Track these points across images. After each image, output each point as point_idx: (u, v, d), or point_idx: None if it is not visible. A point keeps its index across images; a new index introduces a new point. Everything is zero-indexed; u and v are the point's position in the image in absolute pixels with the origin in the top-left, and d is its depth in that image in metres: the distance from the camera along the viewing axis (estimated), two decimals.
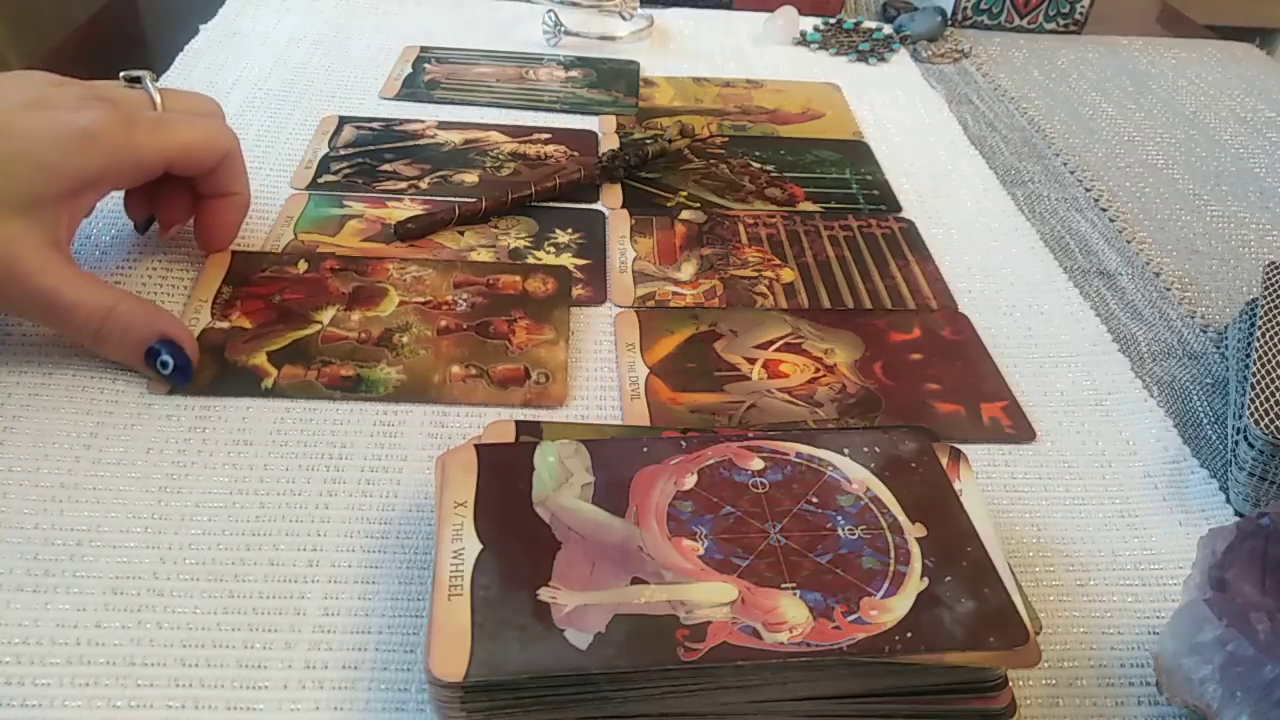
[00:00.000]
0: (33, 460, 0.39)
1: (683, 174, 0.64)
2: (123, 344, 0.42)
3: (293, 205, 0.56)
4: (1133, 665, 0.36)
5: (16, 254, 0.40)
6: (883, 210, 0.62)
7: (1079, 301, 0.55)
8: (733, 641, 0.30)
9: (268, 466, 0.40)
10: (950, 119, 0.75)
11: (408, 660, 0.33)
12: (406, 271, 0.51)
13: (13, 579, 0.34)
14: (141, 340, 0.42)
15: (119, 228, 0.52)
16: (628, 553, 0.33)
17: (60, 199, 0.41)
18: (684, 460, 0.36)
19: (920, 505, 0.35)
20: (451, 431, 0.43)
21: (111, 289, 0.43)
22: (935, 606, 0.32)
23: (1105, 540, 0.40)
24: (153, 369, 0.43)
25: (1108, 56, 0.89)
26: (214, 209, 0.49)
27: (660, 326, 0.50)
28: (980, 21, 0.92)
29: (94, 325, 0.42)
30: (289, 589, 0.35)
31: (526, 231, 0.56)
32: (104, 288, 0.43)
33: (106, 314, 0.42)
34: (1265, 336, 0.46)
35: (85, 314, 0.42)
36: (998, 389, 0.48)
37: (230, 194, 0.49)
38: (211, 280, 0.49)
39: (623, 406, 0.45)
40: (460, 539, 0.33)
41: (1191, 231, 0.64)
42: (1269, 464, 0.41)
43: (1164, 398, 0.49)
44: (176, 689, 0.32)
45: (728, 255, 0.56)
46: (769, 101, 0.74)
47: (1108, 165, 0.71)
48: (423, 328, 0.47)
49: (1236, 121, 0.79)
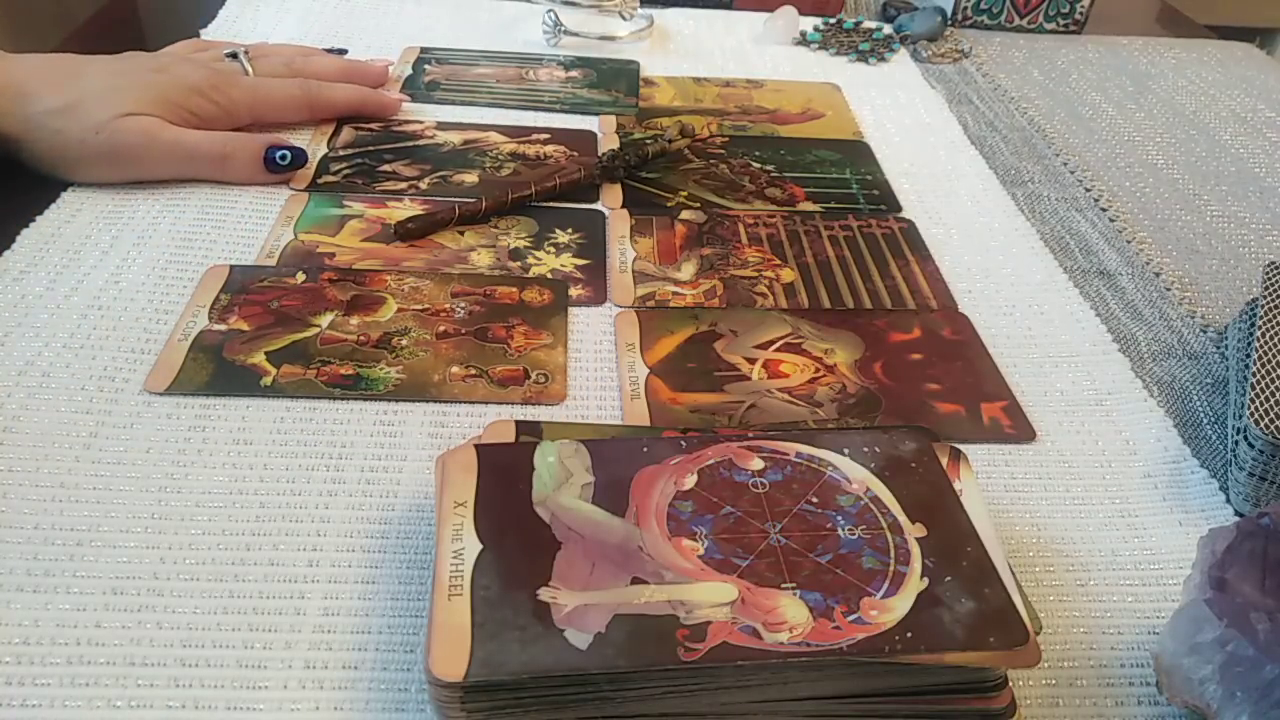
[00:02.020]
0: (33, 460, 0.39)
1: (683, 174, 0.64)
2: (245, 158, 0.56)
3: (293, 205, 0.56)
4: (1133, 665, 0.35)
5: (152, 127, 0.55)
6: (883, 210, 0.62)
7: (1079, 301, 0.55)
8: (733, 641, 0.30)
9: (268, 466, 0.40)
10: (950, 119, 0.75)
11: (408, 660, 0.33)
12: (404, 281, 0.51)
13: (13, 579, 0.34)
14: (258, 151, 0.56)
15: (117, 229, 0.52)
16: (628, 553, 0.33)
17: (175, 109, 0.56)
18: (684, 460, 0.36)
19: (920, 505, 0.35)
20: (451, 431, 0.43)
21: (221, 132, 0.57)
22: (935, 606, 0.32)
23: (1105, 540, 0.40)
24: (275, 169, 0.57)
25: (1108, 56, 0.89)
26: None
27: (660, 326, 0.50)
28: (980, 21, 0.92)
29: (218, 151, 0.56)
30: (289, 589, 0.35)
31: (526, 231, 0.56)
32: (217, 133, 0.57)
33: (225, 143, 0.56)
34: (1265, 336, 0.46)
35: (209, 147, 0.56)
36: (998, 389, 0.48)
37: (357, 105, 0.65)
38: (209, 288, 0.49)
39: (623, 406, 0.45)
40: (460, 539, 0.33)
41: (1191, 231, 0.64)
42: (1269, 464, 0.41)
43: (1164, 398, 0.49)
44: (176, 689, 0.32)
45: (728, 255, 0.56)
46: (769, 101, 0.74)
47: (1108, 165, 0.71)
48: (421, 332, 0.47)
49: (1236, 121, 0.79)
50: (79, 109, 0.53)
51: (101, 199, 0.54)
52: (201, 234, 0.53)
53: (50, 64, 0.55)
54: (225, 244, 0.53)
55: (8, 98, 0.52)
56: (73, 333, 0.45)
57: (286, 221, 0.55)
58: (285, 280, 0.50)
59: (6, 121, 0.53)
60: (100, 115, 0.53)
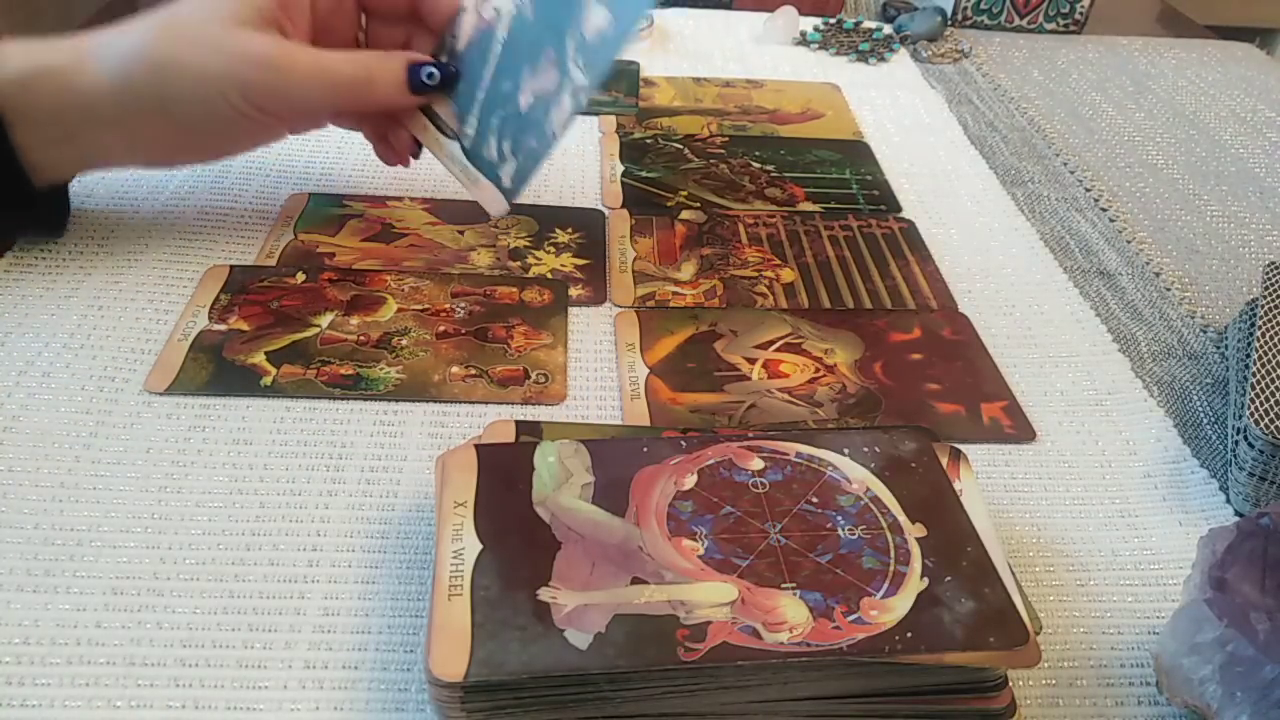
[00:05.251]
0: (33, 460, 0.39)
1: (683, 174, 0.64)
2: (389, 80, 0.48)
3: (292, 205, 0.56)
4: (1133, 665, 0.35)
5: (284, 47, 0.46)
6: (883, 210, 0.62)
7: (1079, 301, 0.55)
8: (733, 641, 0.30)
9: (268, 466, 0.40)
10: (950, 119, 0.75)
11: (408, 660, 0.33)
12: (404, 281, 0.51)
13: (13, 579, 0.34)
14: (400, 71, 0.48)
15: (117, 229, 0.52)
16: (628, 553, 0.33)
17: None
18: (684, 460, 0.36)
19: (920, 505, 0.35)
20: (451, 431, 0.43)
21: (352, 52, 0.49)
22: (935, 606, 0.32)
23: (1105, 540, 0.40)
24: (423, 89, 0.49)
25: (1108, 56, 0.89)
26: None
27: (660, 326, 0.50)
28: (980, 21, 0.92)
29: (363, 75, 0.48)
30: (289, 589, 0.35)
31: (526, 231, 0.56)
32: (356, 54, 0.49)
33: (367, 65, 0.48)
34: (1265, 336, 0.46)
35: (351, 70, 0.48)
36: (998, 389, 0.48)
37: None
38: (209, 289, 0.49)
39: (623, 406, 0.45)
40: (460, 539, 0.33)
41: (1191, 231, 0.64)
42: (1269, 464, 0.41)
43: (1164, 398, 0.49)
44: (176, 689, 0.32)
45: (728, 255, 0.56)
46: (769, 101, 0.74)
47: (1108, 165, 0.71)
48: (421, 332, 0.47)
49: (1236, 121, 0.79)
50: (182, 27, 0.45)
51: (102, 198, 0.54)
52: (201, 234, 0.53)
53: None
54: (225, 244, 0.53)
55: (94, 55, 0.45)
56: (73, 333, 0.45)
57: (286, 221, 0.55)
58: (285, 280, 0.50)
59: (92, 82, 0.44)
60: (210, 29, 0.45)
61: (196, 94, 0.46)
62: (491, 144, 0.49)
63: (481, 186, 0.50)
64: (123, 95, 0.45)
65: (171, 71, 0.45)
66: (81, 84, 0.45)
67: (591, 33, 0.46)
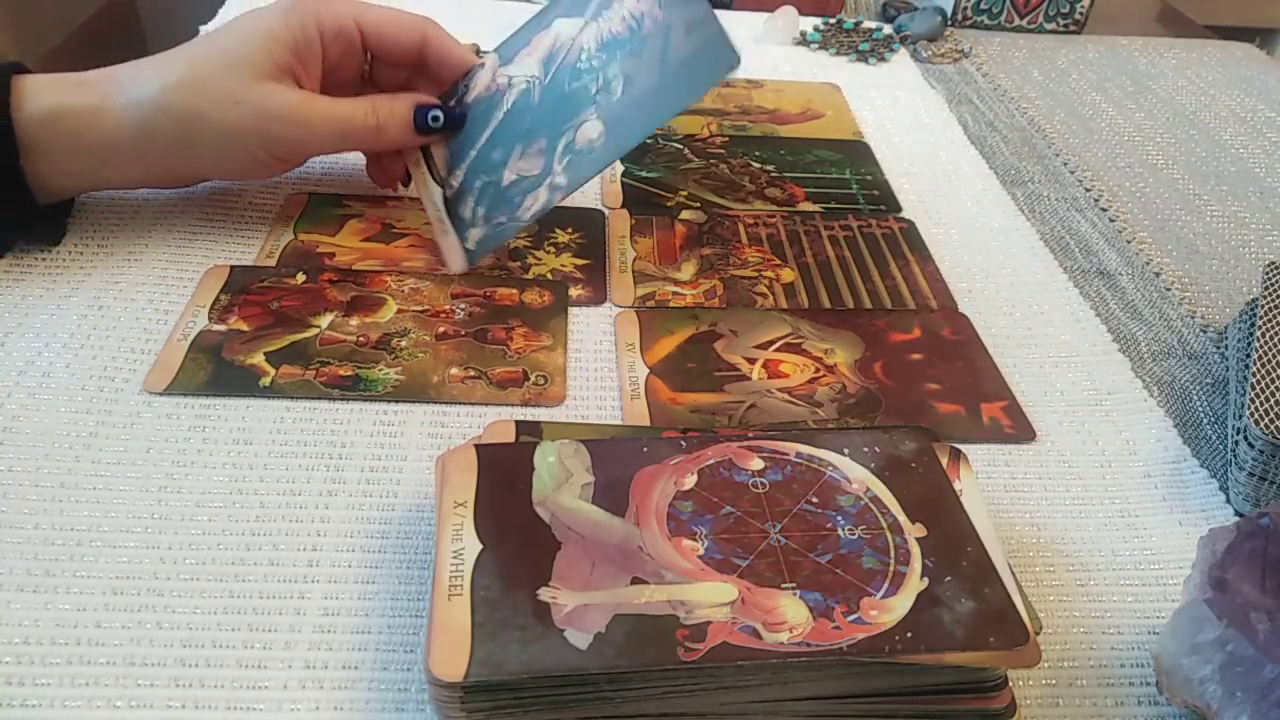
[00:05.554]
0: (33, 460, 0.39)
1: (683, 174, 0.64)
2: (397, 124, 0.50)
3: (292, 205, 0.56)
4: (1133, 665, 0.36)
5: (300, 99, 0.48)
6: (883, 210, 0.62)
7: (1079, 301, 0.55)
8: (733, 641, 0.30)
9: (268, 466, 0.40)
10: (950, 119, 0.75)
11: (408, 660, 0.33)
12: (404, 282, 0.51)
13: (13, 579, 0.34)
14: (407, 114, 0.50)
15: (117, 229, 0.52)
16: (628, 553, 0.33)
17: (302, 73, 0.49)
18: (684, 460, 0.36)
19: (920, 505, 0.35)
20: (451, 431, 0.43)
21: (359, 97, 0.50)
22: (935, 606, 0.32)
23: (1105, 540, 0.40)
24: (430, 131, 0.50)
25: (1108, 56, 0.89)
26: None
27: (660, 326, 0.50)
28: (980, 21, 0.92)
29: (373, 121, 0.49)
30: (289, 589, 0.35)
31: (526, 231, 0.56)
32: (363, 100, 0.50)
33: (376, 111, 0.50)
34: (1265, 336, 0.46)
35: (364, 118, 0.49)
36: (998, 389, 0.48)
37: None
38: (209, 289, 0.49)
39: (623, 406, 0.45)
40: (460, 539, 0.33)
41: (1191, 231, 0.64)
42: (1269, 464, 0.41)
43: (1164, 398, 0.49)
44: (176, 689, 0.32)
45: (728, 255, 0.56)
46: (769, 101, 0.74)
47: (1108, 165, 0.71)
48: (421, 333, 0.47)
49: (1236, 121, 0.79)
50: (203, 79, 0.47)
51: (102, 199, 0.54)
52: (201, 234, 0.53)
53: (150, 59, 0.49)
54: (225, 244, 0.53)
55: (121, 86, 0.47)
56: (73, 333, 0.45)
57: (286, 221, 0.55)
58: (285, 280, 0.50)
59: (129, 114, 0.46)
60: (230, 82, 0.47)
61: (218, 145, 0.48)
62: (469, 203, 0.51)
63: (449, 239, 0.51)
64: (145, 143, 0.47)
65: (194, 125, 0.47)
66: (104, 127, 0.47)
67: (582, 141, 0.48)
